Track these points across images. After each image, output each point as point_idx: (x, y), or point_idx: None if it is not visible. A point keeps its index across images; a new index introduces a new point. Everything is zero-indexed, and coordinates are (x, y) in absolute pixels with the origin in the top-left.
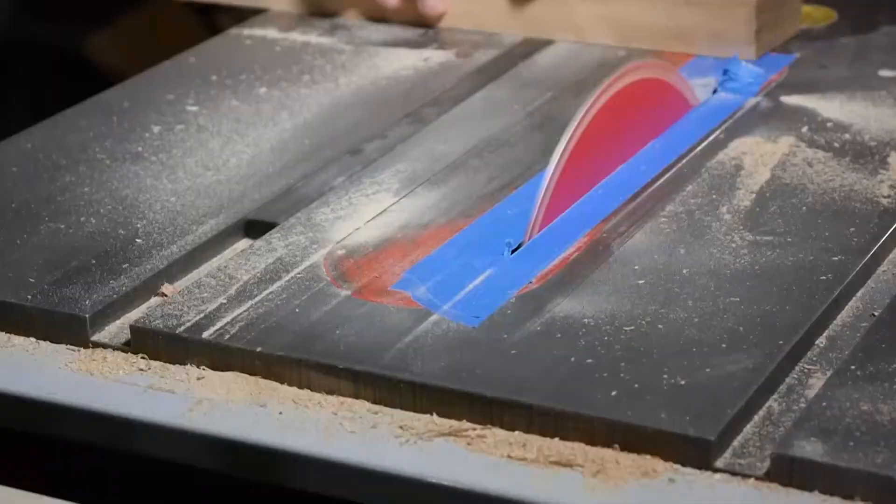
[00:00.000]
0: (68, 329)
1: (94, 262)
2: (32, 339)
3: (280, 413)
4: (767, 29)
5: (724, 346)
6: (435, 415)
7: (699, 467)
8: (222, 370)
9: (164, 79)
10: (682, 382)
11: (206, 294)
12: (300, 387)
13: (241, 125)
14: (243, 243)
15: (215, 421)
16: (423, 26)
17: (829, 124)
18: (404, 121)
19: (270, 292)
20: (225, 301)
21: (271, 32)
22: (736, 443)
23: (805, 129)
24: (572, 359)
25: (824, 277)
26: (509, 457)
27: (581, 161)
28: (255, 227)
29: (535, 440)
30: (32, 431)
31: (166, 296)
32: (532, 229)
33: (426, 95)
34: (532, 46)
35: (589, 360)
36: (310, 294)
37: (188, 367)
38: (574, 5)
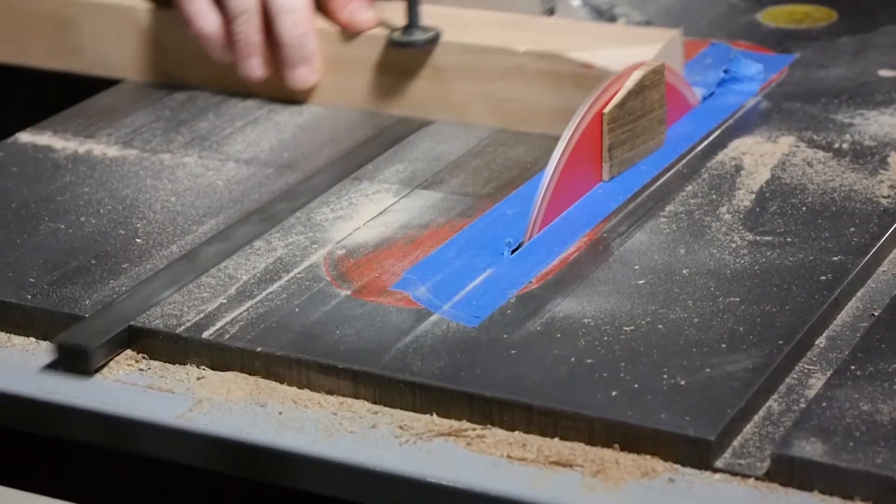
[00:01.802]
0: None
1: (94, 262)
2: (32, 339)
3: (280, 413)
4: (623, 144)
5: (723, 346)
6: (435, 415)
7: (699, 467)
8: (222, 370)
9: None
10: (682, 382)
11: (205, 294)
12: (300, 387)
13: (242, 125)
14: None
15: (215, 421)
16: (291, 102)
17: (829, 124)
18: (253, 217)
19: (270, 292)
20: (225, 301)
21: None
22: (736, 443)
23: (805, 129)
24: (572, 359)
25: (824, 277)
26: (509, 457)
27: (581, 161)
28: (67, 355)
29: (534, 440)
30: (32, 431)
31: None
32: (532, 229)
33: (280, 187)
34: (409, 127)
35: (589, 360)
36: (310, 294)
37: (188, 366)
38: (453, 83)
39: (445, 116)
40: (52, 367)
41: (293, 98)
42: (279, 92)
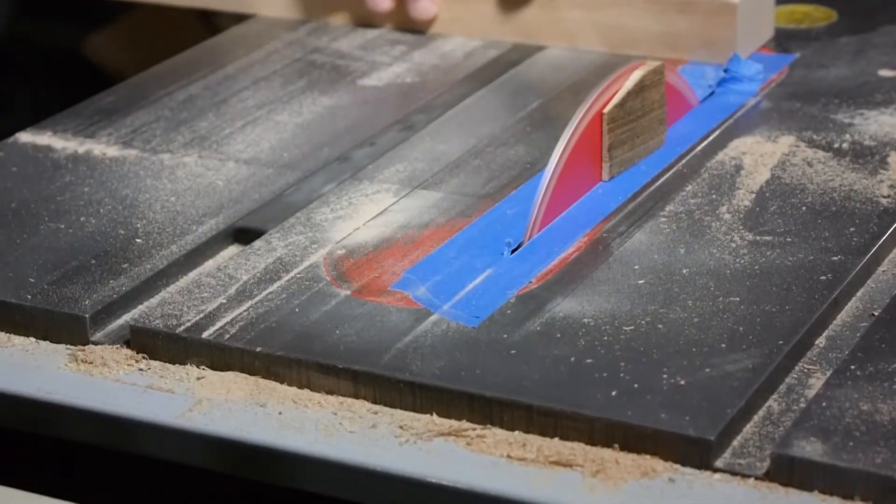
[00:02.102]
0: (68, 329)
1: (94, 262)
2: (32, 339)
3: (280, 413)
4: (623, 144)
5: (724, 346)
6: (435, 415)
7: (699, 467)
8: (222, 370)
9: (164, 79)
10: (682, 382)
11: (205, 294)
12: (300, 387)
13: (241, 125)
14: (233, 250)
15: (215, 421)
16: (412, 32)
17: (829, 124)
18: (394, 127)
19: (270, 292)
20: (225, 301)
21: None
22: (736, 443)
23: (805, 129)
24: (572, 359)
25: (824, 277)
26: (509, 457)
27: (581, 161)
28: (244, 234)
29: (534, 440)
30: (32, 431)
31: None
32: (532, 229)
33: (416, 102)
34: (522, 53)
35: (589, 360)
36: (310, 294)
37: (188, 366)
38: (565, 11)
39: (557, 42)
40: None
41: (416, 28)
42: (403, 23)
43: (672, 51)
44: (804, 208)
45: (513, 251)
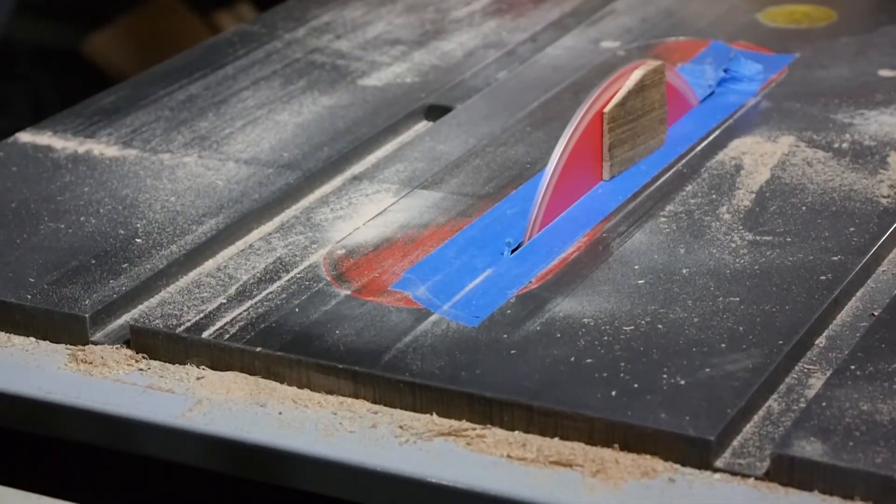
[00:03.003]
0: (68, 329)
1: (94, 262)
2: (32, 339)
3: (280, 413)
4: (623, 144)
5: (723, 346)
6: (435, 415)
7: (699, 467)
8: (222, 370)
9: (164, 79)
10: (682, 382)
11: (205, 294)
12: (300, 387)
13: (242, 125)
14: (423, 125)
15: (215, 421)
16: None
17: (829, 124)
18: (551, 26)
19: (270, 292)
20: (225, 301)
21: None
22: (736, 443)
23: (805, 129)
24: (572, 359)
25: (824, 277)
26: (509, 457)
27: (581, 161)
28: (434, 111)
29: (534, 440)
30: (32, 431)
31: None
32: (532, 229)
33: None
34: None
35: (589, 360)
36: (309, 294)
37: (188, 366)
38: None
39: None
40: None
41: None
42: None
43: None
44: (804, 208)
45: (513, 251)
